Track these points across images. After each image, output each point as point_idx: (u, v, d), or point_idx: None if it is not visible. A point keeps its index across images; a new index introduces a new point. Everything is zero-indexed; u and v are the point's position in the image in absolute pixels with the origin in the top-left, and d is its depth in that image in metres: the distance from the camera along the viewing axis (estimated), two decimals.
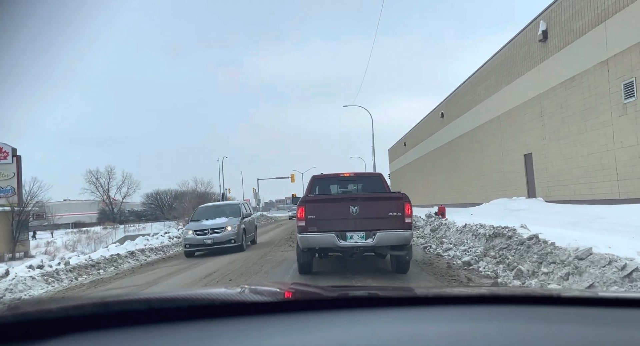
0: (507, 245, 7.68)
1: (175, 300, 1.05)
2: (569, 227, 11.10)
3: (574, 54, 15.33)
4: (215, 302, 1.03)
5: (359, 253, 7.93)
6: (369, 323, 0.99)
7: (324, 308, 1.09)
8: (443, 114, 31.65)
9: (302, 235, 7.66)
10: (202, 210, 16.95)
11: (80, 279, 11.15)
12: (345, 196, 8.52)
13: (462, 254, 9.23)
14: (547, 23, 17.00)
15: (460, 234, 10.64)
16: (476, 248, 9.04)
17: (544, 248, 6.52)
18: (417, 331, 0.95)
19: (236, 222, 14.86)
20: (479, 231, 9.48)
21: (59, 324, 0.94)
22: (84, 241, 49.31)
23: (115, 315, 0.98)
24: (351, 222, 7.55)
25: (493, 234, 8.63)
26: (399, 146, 48.35)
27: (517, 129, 20.07)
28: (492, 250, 8.23)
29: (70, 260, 13.17)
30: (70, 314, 0.97)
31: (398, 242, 7.50)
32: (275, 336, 0.90)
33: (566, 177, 16.30)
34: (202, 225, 14.73)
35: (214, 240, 14.25)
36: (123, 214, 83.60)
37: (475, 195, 25.76)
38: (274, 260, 11.34)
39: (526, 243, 7.13)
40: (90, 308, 1.00)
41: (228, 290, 1.19)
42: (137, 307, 1.01)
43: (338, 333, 0.94)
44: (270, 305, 1.07)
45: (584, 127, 15.05)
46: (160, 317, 0.98)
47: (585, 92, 14.81)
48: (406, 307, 1.12)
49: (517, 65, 19.81)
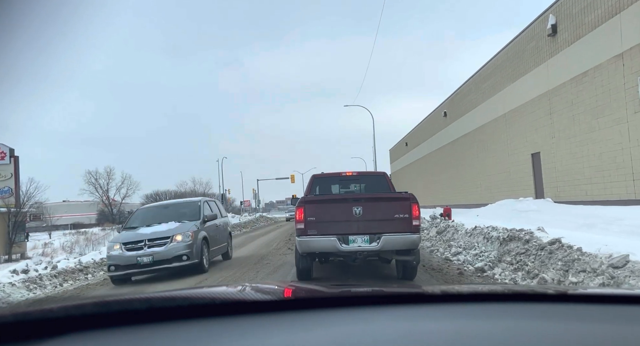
0: (525, 249, 7.03)
1: (176, 299, 1.05)
2: (585, 229, 10.45)
3: (586, 48, 14.69)
4: (216, 301, 1.02)
5: (362, 258, 7.39)
6: (372, 321, 0.98)
7: (325, 306, 1.07)
8: (446, 113, 31.00)
9: (301, 238, 7.13)
10: (142, 212, 11.82)
11: (65, 285, 10.51)
12: (348, 196, 8.00)
13: (474, 259, 8.59)
14: (556, 17, 16.36)
15: (470, 237, 9.99)
16: (489, 253, 8.40)
17: (570, 255, 5.87)
18: (420, 329, 0.93)
19: (191, 228, 10.13)
20: (491, 234, 8.83)
21: (60, 323, 0.93)
22: (82, 242, 48.87)
23: (116, 314, 0.97)
24: (354, 225, 7.02)
25: (507, 237, 7.98)
26: (400, 146, 47.70)
27: (524, 127, 19.42)
28: (507, 255, 7.59)
29: (59, 264, 12.54)
30: (71, 313, 0.97)
31: (405, 246, 6.97)
32: (277, 335, 0.89)
33: (577, 176, 15.65)
34: (137, 235, 9.96)
35: (154, 257, 9.54)
36: (122, 215, 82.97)
37: (479, 196, 25.12)
38: None
39: (547, 248, 6.48)
40: (91, 307, 1.01)
41: (229, 288, 1.21)
42: (137, 306, 1.00)
43: (340, 331, 0.92)
44: (272, 304, 1.07)
45: (596, 125, 14.40)
46: (161, 316, 0.97)
47: (598, 88, 14.16)
48: (409, 305, 1.11)
49: (524, 62, 19.16)
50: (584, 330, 0.92)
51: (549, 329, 0.93)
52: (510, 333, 0.90)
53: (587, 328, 0.94)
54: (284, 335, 0.90)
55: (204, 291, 1.12)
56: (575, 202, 15.40)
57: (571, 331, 0.91)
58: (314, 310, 1.04)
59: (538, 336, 0.88)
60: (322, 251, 7.21)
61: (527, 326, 0.94)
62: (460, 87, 28.24)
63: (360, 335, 0.89)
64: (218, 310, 1.00)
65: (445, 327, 0.93)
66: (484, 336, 0.88)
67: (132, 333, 0.92)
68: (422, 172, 38.80)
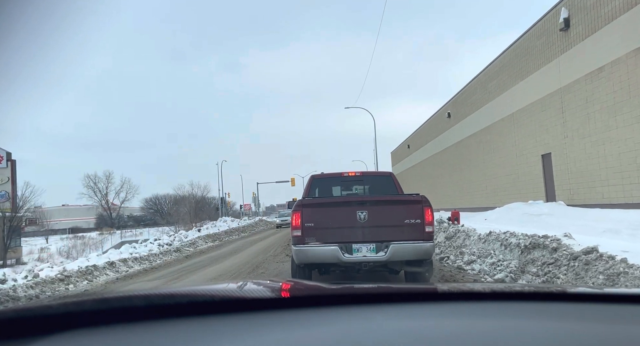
0: (554, 259, 6.15)
1: (175, 296, 1.04)
2: (610, 236, 9.59)
3: (602, 42, 13.85)
4: (216, 298, 1.03)
5: (368, 269, 6.48)
6: (373, 319, 0.97)
7: (326, 304, 1.06)
8: (450, 114, 30.16)
9: (298, 247, 6.29)
10: None
11: (41, 297, 9.64)
12: (351, 199, 7.06)
13: (491, 269, 7.72)
14: (569, 10, 15.53)
15: (485, 243, 9.12)
16: (508, 262, 7.53)
17: (613, 267, 5.01)
18: (421, 327, 0.93)
19: None
20: (510, 240, 7.96)
21: (60, 320, 0.93)
22: (79, 247, 48.02)
23: (116, 311, 0.97)
24: (358, 231, 6.21)
25: (530, 245, 7.11)
26: (402, 148, 46.84)
27: (534, 127, 18.57)
28: (531, 265, 6.72)
29: (41, 273, 11.70)
30: (70, 310, 0.97)
31: (417, 256, 6.15)
32: (277, 333, 0.89)
33: (592, 178, 14.78)
34: None
35: None
36: (122, 219, 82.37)
37: (485, 199, 24.25)
38: None
39: (582, 259, 5.61)
40: (91, 304, 1.01)
41: (229, 286, 1.22)
42: (137, 303, 1.00)
43: (340, 329, 0.91)
44: (272, 301, 1.06)
45: (614, 123, 13.55)
46: (161, 313, 0.96)
47: (616, 84, 13.32)
48: (410, 303, 1.10)
49: (533, 59, 18.32)
50: (585, 329, 0.91)
51: (551, 327, 0.92)
52: (512, 331, 0.90)
53: (587, 327, 0.93)
54: (284, 332, 0.89)
55: (203, 288, 1.12)
56: (591, 205, 14.54)
57: (573, 329, 0.91)
58: (315, 307, 1.03)
59: (539, 335, 0.87)
60: (321, 262, 6.40)
61: (528, 325, 0.94)
62: (465, 87, 27.40)
63: (361, 333, 0.88)
64: (218, 308, 0.99)
65: (447, 325, 0.93)
66: (486, 334, 0.88)
67: (131, 330, 0.91)
68: (424, 175, 37.93)
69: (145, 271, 12.95)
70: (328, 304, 1.05)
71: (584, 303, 1.11)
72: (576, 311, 1.04)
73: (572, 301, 1.14)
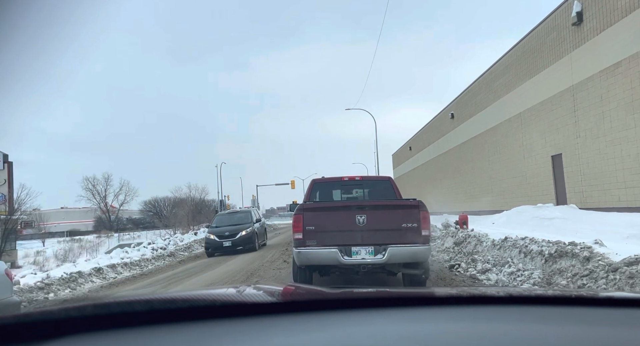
0: (588, 271, 5.37)
1: (176, 301, 1.03)
2: (635, 242, 8.81)
3: (618, 36, 13.10)
4: (217, 303, 1.01)
5: (366, 271, 6.83)
6: (373, 323, 0.96)
7: (327, 308, 1.06)
8: (453, 115, 29.40)
9: (299, 249, 6.57)
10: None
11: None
12: (351, 203, 7.37)
13: (510, 279, 6.94)
14: (582, 3, 14.78)
15: (500, 250, 8.35)
16: (530, 272, 6.76)
17: None
18: (422, 331, 0.92)
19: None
20: (530, 247, 7.18)
21: (60, 325, 0.92)
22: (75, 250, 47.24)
23: (116, 316, 0.96)
24: (357, 235, 6.49)
25: (556, 253, 6.33)
26: (404, 150, 46.06)
27: (543, 127, 17.80)
28: (559, 276, 5.94)
29: (22, 280, 10.95)
30: (71, 315, 0.96)
31: (414, 258, 6.44)
32: (278, 337, 0.88)
33: (608, 180, 14.00)
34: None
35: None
36: (120, 222, 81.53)
37: (490, 202, 23.45)
38: None
39: (624, 271, 4.84)
40: (91, 309, 0.99)
41: (229, 290, 1.19)
42: (138, 308, 0.99)
43: (341, 333, 0.91)
44: (272, 306, 1.06)
45: (632, 122, 12.78)
46: (162, 318, 0.96)
47: (634, 80, 12.55)
48: (411, 307, 1.09)
49: (543, 56, 17.57)
50: (586, 333, 0.89)
51: (551, 332, 0.90)
52: (513, 336, 0.88)
53: (588, 332, 0.90)
54: (285, 337, 0.88)
55: (204, 293, 1.10)
56: (606, 209, 13.76)
57: (573, 334, 0.89)
58: (315, 311, 1.04)
59: (540, 339, 0.86)
60: (322, 264, 6.74)
61: (528, 329, 0.92)
62: (469, 87, 26.65)
63: (361, 337, 0.88)
64: (219, 312, 0.98)
65: (447, 329, 0.92)
66: (488, 339, 0.87)
67: (132, 335, 0.90)
68: (427, 177, 37.15)
69: (134, 278, 12.19)
70: (329, 308, 1.05)
71: (586, 307, 1.09)
72: (577, 315, 1.02)
73: (573, 306, 1.11)
